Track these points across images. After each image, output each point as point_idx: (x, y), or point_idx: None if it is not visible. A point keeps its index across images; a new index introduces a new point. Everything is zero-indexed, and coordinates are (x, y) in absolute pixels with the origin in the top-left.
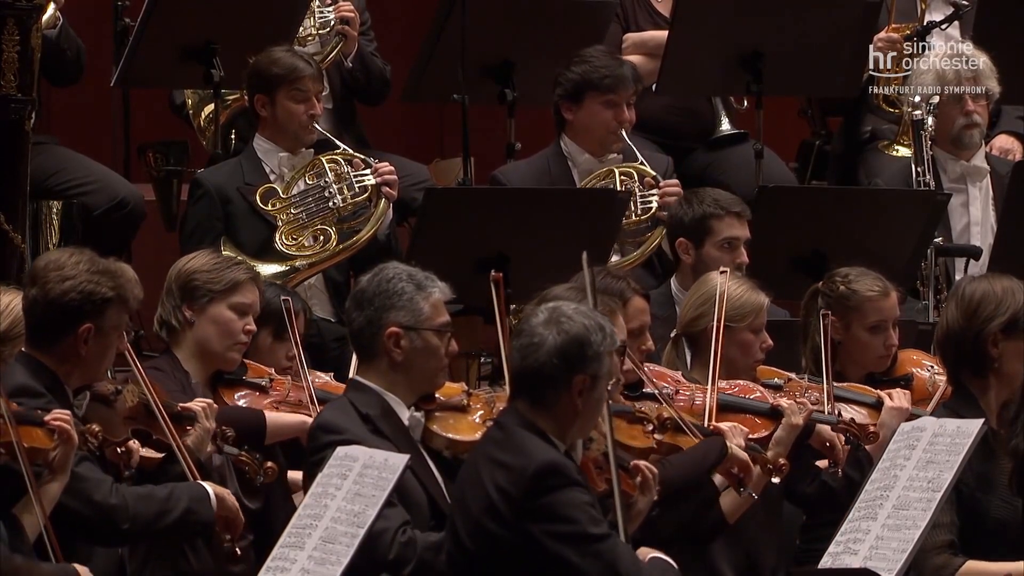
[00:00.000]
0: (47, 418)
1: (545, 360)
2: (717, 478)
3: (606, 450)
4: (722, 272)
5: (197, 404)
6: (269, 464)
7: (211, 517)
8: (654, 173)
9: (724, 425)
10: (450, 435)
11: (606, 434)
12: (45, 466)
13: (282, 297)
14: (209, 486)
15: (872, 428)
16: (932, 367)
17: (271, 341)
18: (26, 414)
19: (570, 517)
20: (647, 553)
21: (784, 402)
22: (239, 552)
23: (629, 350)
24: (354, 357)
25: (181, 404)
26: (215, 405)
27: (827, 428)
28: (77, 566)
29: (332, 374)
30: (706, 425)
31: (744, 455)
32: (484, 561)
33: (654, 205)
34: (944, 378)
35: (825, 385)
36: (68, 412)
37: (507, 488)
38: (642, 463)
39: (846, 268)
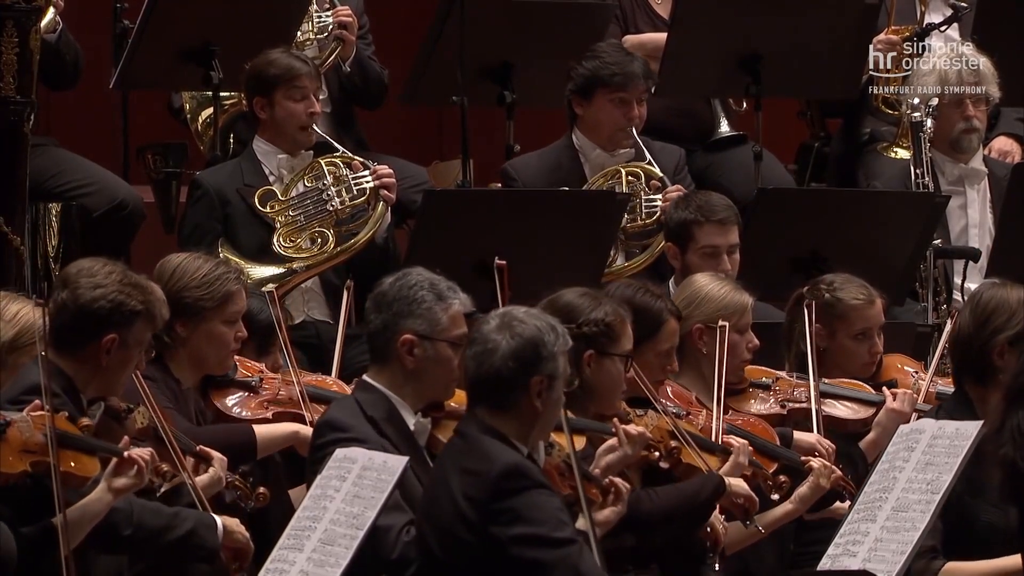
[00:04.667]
0: (127, 453)
1: (500, 364)
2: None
3: (567, 457)
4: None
5: (216, 456)
6: (261, 489)
7: (215, 545)
8: (661, 175)
9: (732, 440)
10: None
11: (566, 439)
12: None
13: (266, 289)
14: (219, 518)
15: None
16: (916, 372)
17: (255, 356)
18: (79, 441)
19: (533, 519)
20: None
21: (815, 463)
22: None
23: (656, 370)
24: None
25: (200, 447)
26: (224, 460)
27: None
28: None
29: (319, 372)
30: (711, 440)
31: (747, 488)
32: (457, 571)
33: (659, 209)
34: (925, 383)
35: (813, 398)
36: (150, 451)
37: (473, 494)
38: (617, 480)
39: (831, 275)
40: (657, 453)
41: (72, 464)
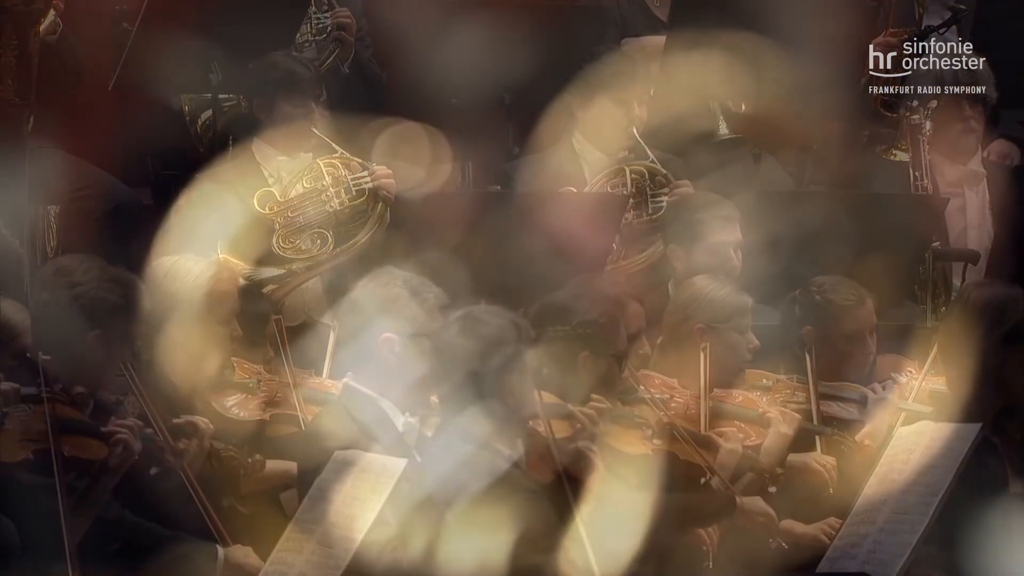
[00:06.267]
0: (106, 429)
1: (469, 367)
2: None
3: (547, 441)
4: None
5: (200, 420)
6: (258, 456)
7: (210, 571)
8: (665, 172)
9: (723, 430)
10: None
11: (544, 424)
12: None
13: (274, 317)
14: (223, 548)
15: (867, 442)
16: (911, 372)
17: (246, 348)
18: (84, 425)
19: (516, 529)
20: None
21: (772, 413)
22: None
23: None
24: (329, 349)
25: (185, 416)
26: (211, 426)
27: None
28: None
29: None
30: (701, 432)
31: (764, 506)
32: None
33: (665, 205)
34: (919, 381)
35: (812, 399)
36: (132, 421)
37: (456, 505)
38: (575, 409)
39: (822, 277)
40: (650, 431)
41: (78, 448)
